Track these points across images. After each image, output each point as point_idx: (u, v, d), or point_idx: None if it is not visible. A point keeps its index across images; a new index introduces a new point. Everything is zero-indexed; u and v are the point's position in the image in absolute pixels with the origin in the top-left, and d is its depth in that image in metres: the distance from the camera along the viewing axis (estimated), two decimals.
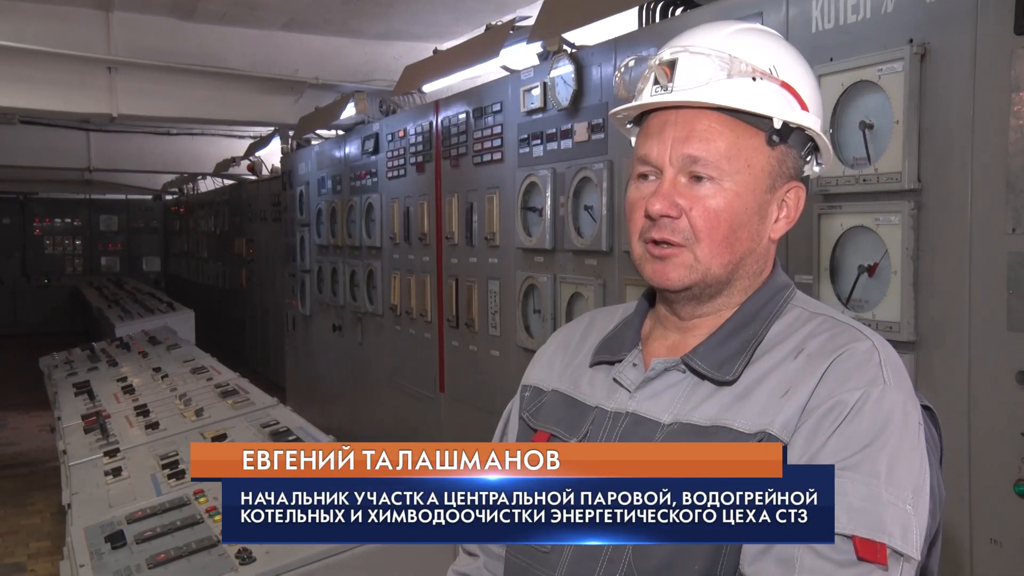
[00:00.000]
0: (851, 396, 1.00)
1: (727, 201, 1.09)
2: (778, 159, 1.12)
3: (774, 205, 1.13)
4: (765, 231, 1.13)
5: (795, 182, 1.15)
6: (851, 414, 0.99)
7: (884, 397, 1.00)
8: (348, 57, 6.09)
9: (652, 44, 2.83)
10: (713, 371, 1.10)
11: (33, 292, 14.86)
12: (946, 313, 1.89)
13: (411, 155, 4.63)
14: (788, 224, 1.16)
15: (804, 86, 1.13)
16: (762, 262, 1.16)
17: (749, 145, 1.10)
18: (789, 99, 1.11)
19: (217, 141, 10.03)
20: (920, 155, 1.93)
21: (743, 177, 1.09)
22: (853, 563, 0.93)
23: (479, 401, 4.01)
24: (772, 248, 1.17)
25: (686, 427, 1.07)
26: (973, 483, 1.83)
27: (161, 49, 5.66)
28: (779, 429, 1.02)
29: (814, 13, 2.18)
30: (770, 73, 1.10)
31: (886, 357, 1.05)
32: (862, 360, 1.03)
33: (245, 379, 4.36)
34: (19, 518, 5.27)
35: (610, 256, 3.02)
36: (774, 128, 1.10)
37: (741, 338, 1.11)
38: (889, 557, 0.93)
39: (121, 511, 2.65)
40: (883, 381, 1.01)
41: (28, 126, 8.96)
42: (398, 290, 4.83)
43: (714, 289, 1.13)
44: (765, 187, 1.11)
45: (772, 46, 1.14)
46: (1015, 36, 1.73)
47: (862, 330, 1.09)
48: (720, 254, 1.10)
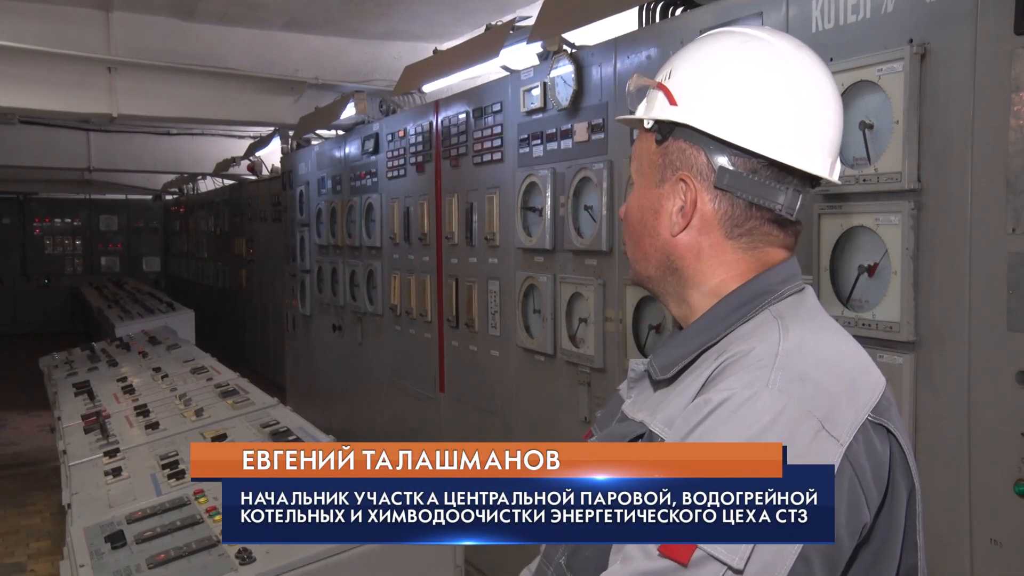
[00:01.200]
0: (719, 395, 0.98)
1: (631, 202, 1.20)
2: (661, 154, 1.15)
3: (669, 201, 1.14)
4: (659, 227, 1.16)
5: (684, 172, 1.12)
6: (713, 412, 0.97)
7: (755, 399, 0.96)
8: (348, 57, 6.09)
9: (652, 44, 2.83)
10: (656, 371, 1.13)
11: (33, 292, 14.87)
12: (946, 313, 1.89)
13: (411, 155, 4.63)
14: (685, 218, 1.12)
15: (693, 81, 1.12)
16: (689, 260, 1.14)
17: (645, 148, 1.18)
18: (661, 98, 1.16)
19: (217, 141, 10.03)
20: (920, 155, 1.93)
21: (639, 177, 1.19)
22: (656, 559, 0.94)
23: (479, 401, 4.01)
24: (705, 248, 1.13)
25: (628, 423, 1.15)
26: (973, 483, 1.83)
27: (161, 49, 5.66)
28: (660, 424, 1.06)
29: (814, 13, 2.18)
30: (664, 80, 1.16)
31: (785, 362, 0.99)
32: (753, 361, 1.00)
33: (245, 379, 4.35)
34: (19, 518, 5.28)
35: (610, 256, 3.02)
36: (645, 128, 1.17)
37: (696, 342, 1.11)
38: (695, 560, 0.92)
39: (121, 511, 2.65)
40: (765, 384, 0.96)
41: (28, 126, 8.97)
42: (398, 290, 4.83)
43: (658, 288, 1.19)
44: (653, 182, 1.16)
45: (696, 52, 1.15)
46: (1015, 36, 1.73)
47: (788, 331, 1.03)
48: (633, 252, 1.21)
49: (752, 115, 1.09)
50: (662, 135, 1.14)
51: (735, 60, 1.11)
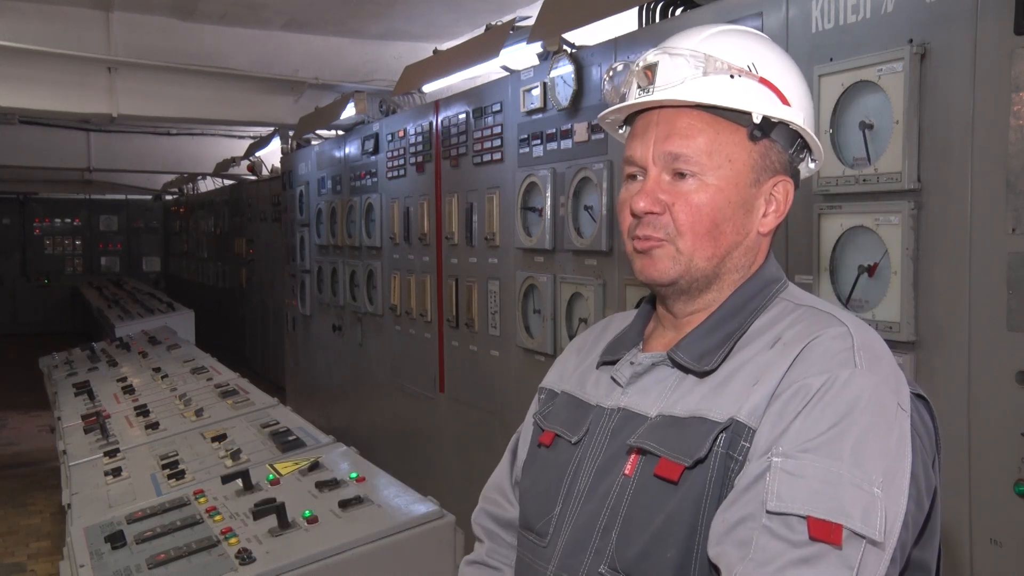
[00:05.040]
0: (817, 380, 1.00)
1: (709, 196, 1.11)
2: (761, 153, 1.13)
3: (761, 199, 1.15)
4: (751, 225, 1.15)
5: (782, 176, 1.16)
6: (816, 397, 0.99)
7: (852, 380, 0.99)
8: (348, 57, 6.09)
9: (652, 44, 2.82)
10: (693, 363, 1.12)
11: (33, 292, 14.87)
12: (946, 313, 1.89)
13: (411, 155, 4.63)
14: (777, 218, 1.17)
15: (786, 82, 1.14)
16: (751, 256, 1.17)
17: (730, 140, 1.12)
18: (769, 94, 1.12)
19: (217, 141, 10.04)
20: (920, 155, 1.93)
21: (725, 171, 1.11)
22: (806, 543, 0.91)
23: (479, 401, 4.01)
24: (764, 242, 1.18)
25: (667, 419, 1.10)
26: (973, 483, 1.83)
27: (161, 49, 5.66)
28: (747, 415, 1.03)
29: (814, 13, 2.18)
30: (748, 70, 1.12)
31: (861, 342, 1.03)
32: (832, 345, 1.03)
33: (245, 379, 4.36)
34: (19, 518, 5.28)
35: (610, 256, 3.02)
36: (754, 123, 1.11)
37: (724, 331, 1.13)
38: (846, 538, 0.91)
39: (121, 511, 2.65)
40: (853, 364, 1.00)
41: (28, 126, 8.98)
42: (398, 290, 4.83)
43: (702, 283, 1.15)
44: (749, 181, 1.13)
45: (751, 45, 1.15)
46: (1015, 36, 1.73)
47: (840, 316, 1.08)
48: (703, 247, 1.13)
49: (813, 122, 1.18)
50: (762, 132, 1.12)
51: (793, 65, 1.18)
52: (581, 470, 1.16)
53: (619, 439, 1.14)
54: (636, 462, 1.09)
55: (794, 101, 1.14)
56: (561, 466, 1.19)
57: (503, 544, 1.35)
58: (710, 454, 1.03)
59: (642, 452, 1.09)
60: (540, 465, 1.25)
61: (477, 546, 1.39)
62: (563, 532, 1.15)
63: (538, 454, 1.27)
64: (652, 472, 1.06)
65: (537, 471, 1.25)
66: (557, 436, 1.23)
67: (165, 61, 5.65)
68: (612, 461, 1.13)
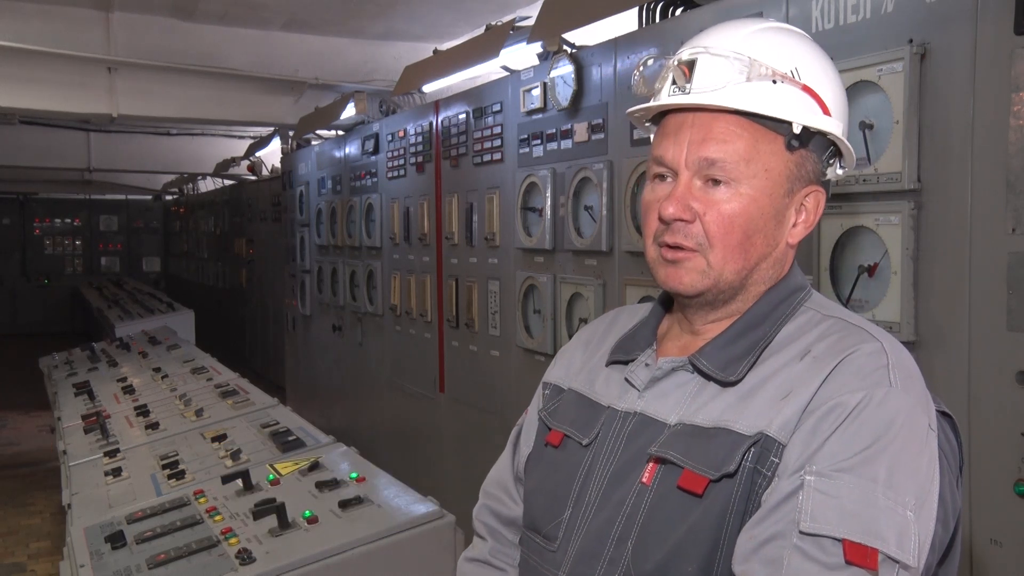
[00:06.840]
0: (852, 398, 0.97)
1: (743, 206, 1.07)
2: (797, 163, 1.09)
3: (792, 209, 1.12)
4: (781, 236, 1.12)
5: (815, 186, 1.12)
6: (851, 416, 0.96)
7: (887, 400, 0.96)
8: (348, 57, 6.09)
9: (652, 44, 2.83)
10: (718, 372, 1.08)
11: (33, 292, 14.87)
12: (946, 313, 1.89)
13: (411, 155, 4.63)
14: (807, 229, 1.14)
15: (828, 89, 1.10)
16: (778, 267, 1.14)
17: (767, 149, 1.07)
18: (810, 103, 1.08)
19: (217, 141, 10.04)
20: (920, 155, 1.93)
21: (760, 181, 1.07)
22: (841, 566, 0.89)
23: (479, 401, 4.01)
24: (790, 253, 1.15)
25: (689, 428, 1.06)
26: (973, 483, 1.83)
27: (161, 49, 5.66)
28: (777, 430, 1.00)
29: (814, 13, 2.18)
30: (791, 76, 1.08)
31: (896, 360, 1.01)
32: (868, 362, 1.00)
33: (245, 379, 4.36)
34: (19, 518, 5.28)
35: (610, 256, 3.02)
36: (793, 133, 1.07)
37: (749, 339, 1.10)
38: (881, 563, 0.89)
39: (121, 511, 2.65)
40: (888, 384, 0.98)
41: (28, 126, 8.97)
42: (398, 290, 4.83)
43: (727, 295, 1.12)
44: (783, 192, 1.09)
45: (796, 47, 1.11)
46: (1015, 36, 1.73)
47: (873, 332, 1.05)
48: (734, 260, 1.09)
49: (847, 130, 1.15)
50: (800, 142, 1.08)
51: (834, 69, 1.14)
52: (593, 474, 1.13)
53: (636, 445, 1.10)
54: (655, 471, 1.06)
55: (834, 110, 1.10)
56: (571, 468, 1.16)
57: (506, 543, 1.32)
58: (739, 469, 1.00)
59: (662, 461, 1.06)
60: (547, 465, 1.21)
61: (477, 542, 1.36)
62: (574, 538, 1.11)
63: (545, 453, 1.23)
64: (674, 483, 1.03)
65: (544, 471, 1.21)
66: (566, 436, 1.19)
67: (165, 61, 5.65)
68: (628, 467, 1.09)
